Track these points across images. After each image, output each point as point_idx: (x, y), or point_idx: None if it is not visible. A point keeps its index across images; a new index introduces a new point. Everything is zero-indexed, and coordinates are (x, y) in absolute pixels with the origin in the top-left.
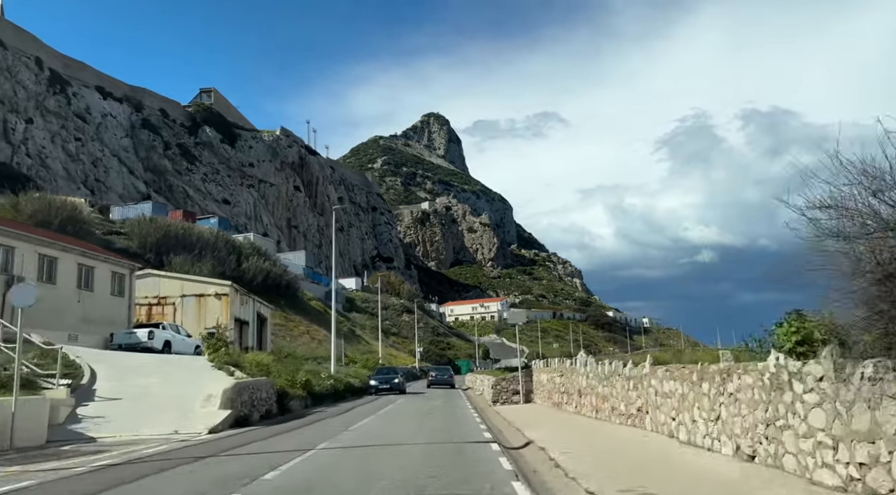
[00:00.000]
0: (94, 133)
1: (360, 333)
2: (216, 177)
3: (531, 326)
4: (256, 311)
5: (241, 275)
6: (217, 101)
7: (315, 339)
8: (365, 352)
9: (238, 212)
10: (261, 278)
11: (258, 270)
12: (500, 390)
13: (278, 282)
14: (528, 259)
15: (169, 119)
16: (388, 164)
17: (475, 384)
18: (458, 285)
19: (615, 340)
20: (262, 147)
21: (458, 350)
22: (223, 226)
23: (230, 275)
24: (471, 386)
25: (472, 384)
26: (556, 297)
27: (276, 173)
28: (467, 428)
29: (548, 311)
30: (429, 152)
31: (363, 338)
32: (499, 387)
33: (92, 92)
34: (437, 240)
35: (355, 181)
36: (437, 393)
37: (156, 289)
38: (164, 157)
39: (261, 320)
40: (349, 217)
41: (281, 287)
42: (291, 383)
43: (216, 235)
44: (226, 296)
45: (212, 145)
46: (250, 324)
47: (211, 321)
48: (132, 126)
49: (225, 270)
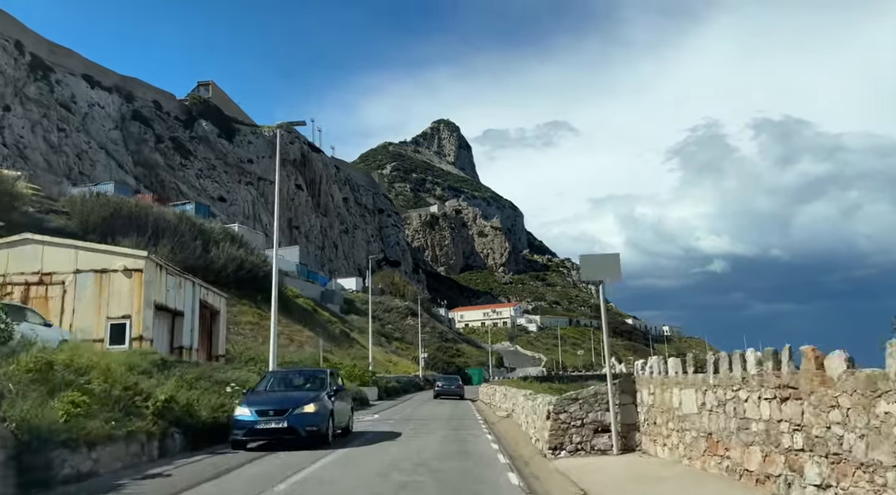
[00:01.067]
0: (79, 123)
1: (357, 337)
2: (212, 172)
3: (547, 333)
4: (200, 299)
5: (208, 264)
6: (215, 95)
7: (295, 341)
8: (358, 358)
9: (235, 210)
10: (232, 268)
11: (229, 259)
12: (568, 426)
13: (255, 273)
14: (540, 264)
15: (162, 111)
16: (397, 170)
17: (494, 398)
18: (468, 291)
19: (635, 349)
20: (262, 142)
21: (469, 357)
22: (202, 212)
23: (193, 264)
24: (487, 401)
25: (490, 398)
26: (571, 304)
27: None
28: None
29: (562, 318)
30: (438, 159)
31: (359, 342)
32: (564, 418)
33: (78, 80)
34: (447, 245)
35: (361, 181)
36: (437, 412)
37: (37, 263)
38: (156, 151)
39: (210, 312)
40: (354, 218)
41: (258, 279)
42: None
43: (180, 217)
44: (139, 272)
45: (208, 140)
46: (187, 315)
47: (120, 308)
48: (122, 117)
49: (187, 257)
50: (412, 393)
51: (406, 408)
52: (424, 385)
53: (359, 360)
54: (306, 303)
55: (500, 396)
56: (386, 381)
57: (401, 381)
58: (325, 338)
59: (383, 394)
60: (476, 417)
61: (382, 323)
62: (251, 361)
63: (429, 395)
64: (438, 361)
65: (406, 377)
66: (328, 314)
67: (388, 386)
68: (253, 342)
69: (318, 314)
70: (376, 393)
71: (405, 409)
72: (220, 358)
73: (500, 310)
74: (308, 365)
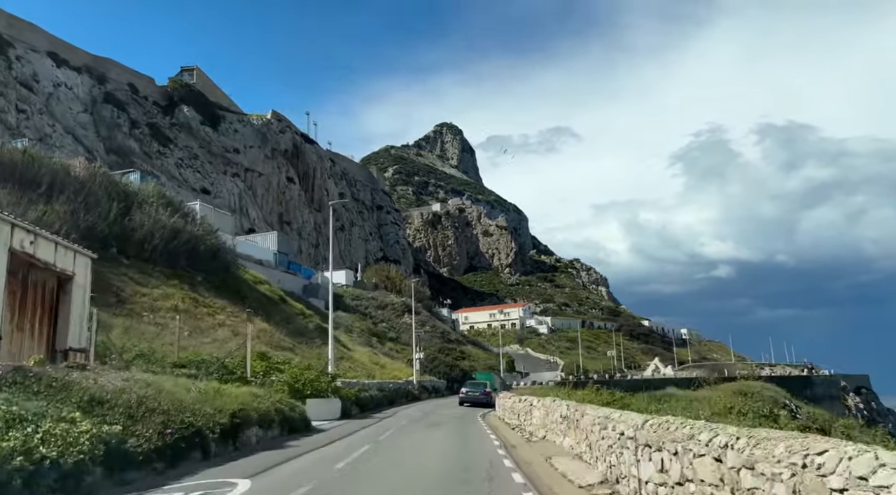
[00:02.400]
0: (42, 105)
1: (342, 335)
2: (194, 162)
3: (559, 336)
4: (18, 252)
5: (126, 232)
6: (200, 82)
7: (240, 335)
8: (339, 358)
9: (220, 203)
10: (162, 239)
11: (158, 227)
12: None
13: (193, 246)
14: (548, 265)
15: (139, 96)
16: (399, 173)
17: (528, 420)
18: (472, 292)
19: (654, 353)
20: (250, 131)
21: (476, 360)
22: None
23: (105, 231)
24: (513, 421)
25: (522, 419)
26: (581, 306)
27: (265, 161)
28: None
29: (572, 320)
30: (441, 162)
31: (342, 341)
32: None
33: (42, 57)
34: (450, 245)
35: (359, 176)
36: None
37: None
38: (131, 137)
39: (58, 279)
40: (351, 215)
41: (197, 255)
42: None
43: (93, 174)
44: None
45: (190, 127)
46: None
47: None
48: (93, 100)
49: (96, 221)
50: (400, 405)
51: (360, 444)
52: (420, 393)
53: (340, 362)
54: (272, 291)
55: (557, 422)
56: (361, 390)
57: (386, 389)
58: (290, 334)
59: (352, 409)
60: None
61: (375, 321)
62: (140, 359)
63: (423, 409)
64: (439, 364)
65: (395, 384)
66: (302, 306)
67: (362, 396)
68: (171, 335)
69: (287, 305)
70: (338, 407)
71: (356, 447)
72: (71, 355)
73: (508, 311)
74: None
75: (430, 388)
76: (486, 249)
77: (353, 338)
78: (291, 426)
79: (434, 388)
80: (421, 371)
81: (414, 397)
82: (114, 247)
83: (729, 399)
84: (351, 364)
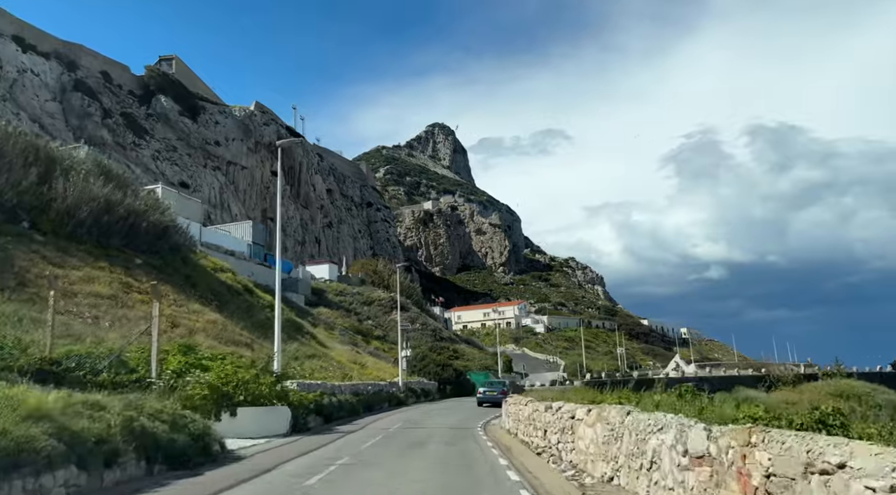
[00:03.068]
0: (6, 91)
1: (320, 333)
2: (171, 155)
3: (556, 335)
4: None
5: (43, 203)
6: (179, 71)
7: (182, 326)
8: (310, 356)
9: (200, 197)
10: (91, 214)
11: (87, 199)
12: None
13: (133, 223)
14: (543, 264)
15: (113, 84)
16: (391, 174)
17: (563, 441)
18: (465, 292)
19: (654, 353)
20: (232, 123)
21: (470, 360)
22: None
23: (11, 201)
24: (534, 440)
25: (555, 439)
26: (577, 305)
27: (248, 155)
28: None
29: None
30: (433, 162)
31: (318, 338)
32: None
33: (6, 41)
34: (442, 243)
35: (347, 172)
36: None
37: None
38: (103, 127)
39: None
40: (339, 212)
41: (138, 234)
42: None
43: (7, 134)
44: None
45: (167, 118)
46: None
47: None
48: (62, 88)
49: (2, 189)
50: (379, 411)
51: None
52: (406, 397)
53: (310, 360)
54: (236, 281)
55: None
56: (327, 394)
57: (363, 393)
58: (251, 327)
59: (310, 420)
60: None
61: (360, 318)
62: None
63: (407, 417)
64: (430, 363)
65: (377, 386)
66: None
67: (326, 402)
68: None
69: (253, 297)
70: (286, 419)
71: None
72: None
73: (503, 310)
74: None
75: (419, 391)
76: (479, 248)
77: (334, 335)
78: (175, 455)
79: (423, 391)
80: (409, 371)
81: (398, 401)
82: (25, 221)
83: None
84: (324, 363)
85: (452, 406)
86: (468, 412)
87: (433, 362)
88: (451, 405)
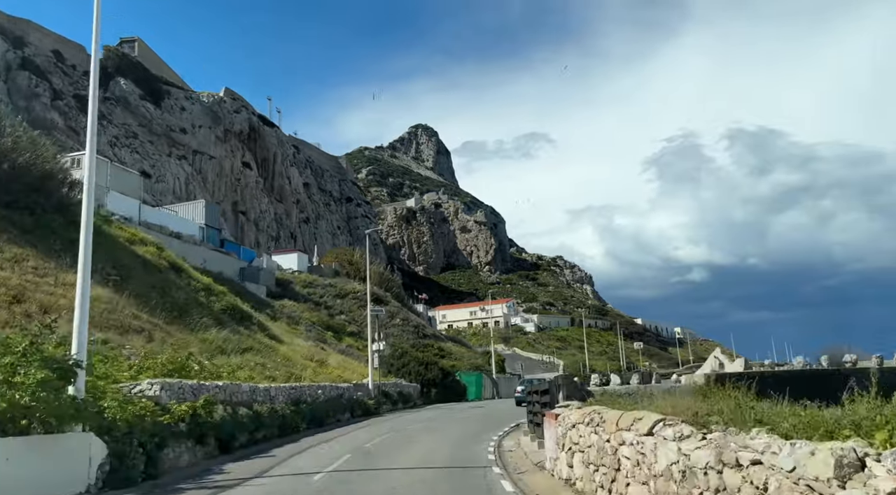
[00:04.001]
0: None
1: (275, 325)
2: (132, 142)
3: (547, 335)
4: None
5: None
6: (143, 54)
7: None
8: (246, 350)
9: (164, 188)
10: None
11: None
12: None
13: None
14: (530, 264)
15: (65, 64)
16: (373, 174)
17: None
18: (450, 292)
19: (650, 353)
20: (200, 109)
21: (459, 359)
22: None
23: None
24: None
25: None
26: (567, 305)
27: (217, 143)
28: None
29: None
30: (417, 164)
31: (270, 330)
32: None
33: None
34: (426, 242)
35: (326, 165)
36: None
37: None
38: (53, 109)
39: None
40: (317, 207)
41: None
42: None
43: None
44: None
45: (127, 102)
46: None
47: None
48: (7, 66)
49: None
50: (333, 428)
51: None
52: (378, 404)
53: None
54: (161, 256)
55: None
56: (232, 403)
57: (307, 401)
58: (165, 311)
59: (166, 455)
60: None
61: (332, 312)
62: None
63: (367, 440)
64: (410, 361)
65: (337, 389)
66: (211, 280)
67: (228, 419)
68: None
69: (181, 277)
70: (90, 460)
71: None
72: None
73: (491, 308)
74: None
75: (395, 396)
76: (464, 246)
77: (298, 330)
78: None
79: (402, 396)
80: (385, 371)
81: (366, 410)
82: None
83: None
84: (263, 358)
85: (440, 416)
86: (464, 427)
87: (415, 360)
88: (439, 415)
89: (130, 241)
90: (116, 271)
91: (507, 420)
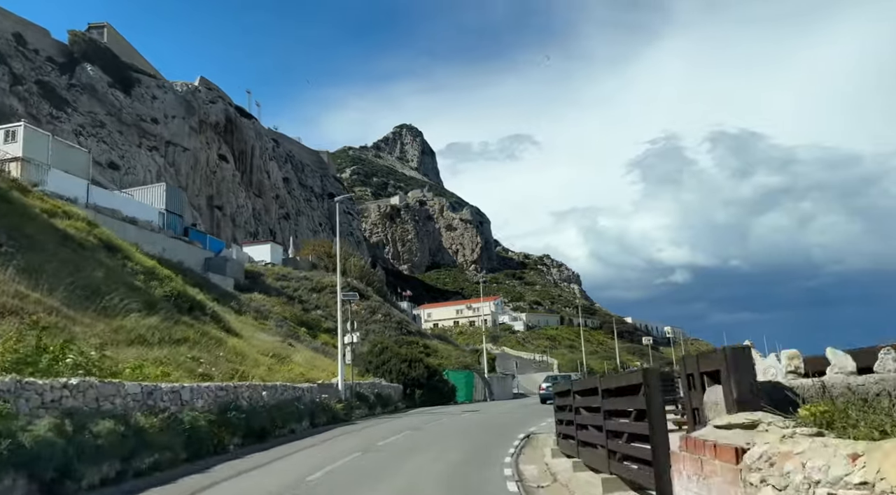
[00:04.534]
0: None
1: (238, 319)
2: (99, 131)
3: (536, 333)
4: None
5: None
6: (112, 41)
7: None
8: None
9: (133, 180)
10: None
11: None
12: None
13: None
14: (516, 262)
15: (27, 48)
16: (357, 174)
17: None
18: (435, 291)
19: (641, 353)
20: (173, 99)
21: (445, 356)
22: None
23: None
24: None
25: None
26: (554, 304)
27: (191, 135)
28: None
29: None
30: (401, 164)
31: (226, 323)
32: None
33: None
34: (410, 240)
35: (307, 160)
36: None
37: None
38: (12, 95)
39: None
40: (298, 203)
41: None
42: None
43: None
44: None
45: (94, 89)
46: None
47: None
48: None
49: None
50: (281, 443)
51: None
52: (349, 409)
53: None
54: (91, 232)
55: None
56: (95, 409)
57: (243, 407)
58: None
59: None
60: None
61: (307, 306)
62: None
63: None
64: (393, 359)
65: (294, 391)
66: (155, 263)
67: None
68: None
69: (113, 257)
70: None
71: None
72: None
73: (478, 306)
74: None
75: (373, 399)
76: (449, 245)
77: (266, 325)
78: None
79: (380, 398)
80: (363, 369)
81: (333, 417)
82: None
83: None
84: (203, 353)
85: (427, 425)
86: (461, 442)
87: (398, 357)
88: (425, 422)
89: (51, 214)
90: (14, 242)
91: (513, 428)
